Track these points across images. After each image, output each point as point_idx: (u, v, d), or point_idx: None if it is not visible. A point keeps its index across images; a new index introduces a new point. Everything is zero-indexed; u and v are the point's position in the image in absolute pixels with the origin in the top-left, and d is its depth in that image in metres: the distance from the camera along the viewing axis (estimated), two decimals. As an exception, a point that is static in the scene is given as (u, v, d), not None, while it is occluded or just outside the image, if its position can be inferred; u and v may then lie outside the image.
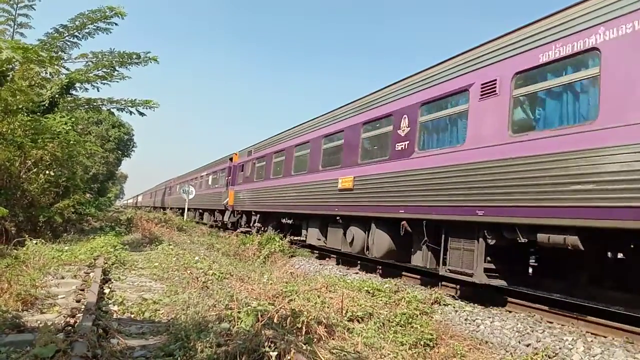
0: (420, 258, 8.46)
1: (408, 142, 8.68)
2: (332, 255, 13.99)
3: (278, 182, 15.29)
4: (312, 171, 12.74)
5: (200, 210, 30.47)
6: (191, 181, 32.68)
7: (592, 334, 5.89)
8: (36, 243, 8.80)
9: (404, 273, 10.48)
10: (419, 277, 9.73)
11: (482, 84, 7.06)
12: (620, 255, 5.87)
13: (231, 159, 22.31)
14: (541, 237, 5.95)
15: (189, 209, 31.33)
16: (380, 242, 9.58)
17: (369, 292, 7.15)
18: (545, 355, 5.11)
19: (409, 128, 8.74)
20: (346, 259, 13.06)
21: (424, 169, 8.10)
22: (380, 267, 11.05)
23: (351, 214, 10.52)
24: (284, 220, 15.16)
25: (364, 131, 10.51)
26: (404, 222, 8.61)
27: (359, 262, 12.12)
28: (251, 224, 18.36)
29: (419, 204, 8.12)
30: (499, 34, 7.10)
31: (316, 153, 12.70)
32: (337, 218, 11.25)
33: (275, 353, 3.66)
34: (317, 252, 14.50)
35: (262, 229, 16.88)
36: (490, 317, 6.51)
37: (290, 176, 14.31)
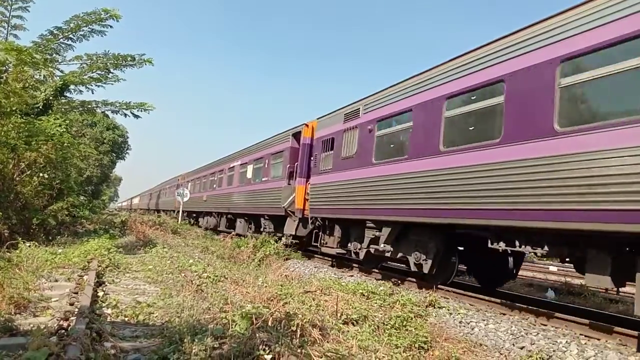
0: None
1: None
2: (326, 258, 13.98)
3: (480, 157, 7.09)
4: None
5: (230, 216, 21.93)
6: (211, 176, 25.93)
7: (585, 336, 5.92)
8: (29, 246, 8.73)
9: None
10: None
11: None
12: None
13: (296, 136, 14.87)
14: None
15: (209, 214, 25.83)
16: None
17: (363, 295, 7.15)
18: (539, 357, 5.12)
19: None
20: (340, 262, 13.06)
21: None
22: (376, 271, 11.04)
23: None
24: (497, 245, 6.91)
25: None
26: None
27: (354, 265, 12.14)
28: (358, 244, 10.65)
29: None
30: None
31: None
32: None
33: (270, 356, 3.66)
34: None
35: (395, 255, 9.41)
36: (484, 320, 6.53)
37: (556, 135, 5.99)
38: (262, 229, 17.15)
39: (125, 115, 15.51)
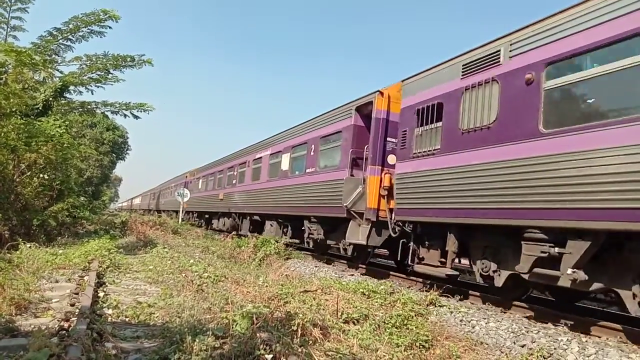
0: None
1: None
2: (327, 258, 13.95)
3: None
4: None
5: (257, 217, 18.24)
6: (229, 171, 22.28)
7: (586, 334, 5.92)
8: (30, 247, 8.73)
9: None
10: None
11: None
12: None
13: (362, 110, 11.35)
14: None
15: (226, 215, 22.53)
16: None
17: (364, 294, 7.14)
18: (540, 355, 5.12)
19: None
20: (343, 262, 13.04)
21: None
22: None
23: None
24: None
25: None
26: None
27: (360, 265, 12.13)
28: (492, 263, 7.24)
29: None
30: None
31: None
32: None
33: (271, 356, 3.66)
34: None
35: (587, 287, 5.86)
36: (485, 318, 6.53)
37: None
38: (307, 235, 13.45)
39: (125, 115, 15.56)
